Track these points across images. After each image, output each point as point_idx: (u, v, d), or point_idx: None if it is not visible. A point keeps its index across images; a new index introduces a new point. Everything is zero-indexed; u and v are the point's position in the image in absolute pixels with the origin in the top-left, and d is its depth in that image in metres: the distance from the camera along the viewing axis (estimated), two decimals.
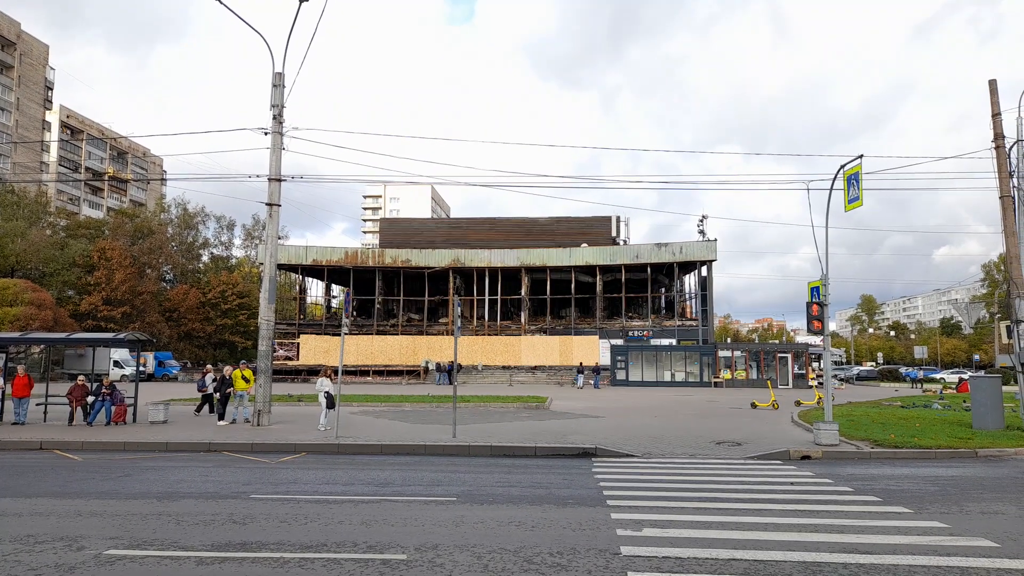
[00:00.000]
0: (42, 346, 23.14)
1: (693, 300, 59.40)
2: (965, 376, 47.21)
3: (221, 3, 16.80)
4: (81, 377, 19.16)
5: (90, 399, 18.11)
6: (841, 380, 51.63)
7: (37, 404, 18.93)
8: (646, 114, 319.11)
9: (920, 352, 58.63)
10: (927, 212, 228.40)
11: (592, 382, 45.28)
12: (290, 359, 54.70)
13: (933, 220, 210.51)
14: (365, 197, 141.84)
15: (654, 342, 52.42)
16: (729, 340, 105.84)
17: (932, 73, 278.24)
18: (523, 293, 57.56)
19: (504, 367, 52.94)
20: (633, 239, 66.37)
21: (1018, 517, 8.13)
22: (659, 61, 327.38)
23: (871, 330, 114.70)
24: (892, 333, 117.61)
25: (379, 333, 56.90)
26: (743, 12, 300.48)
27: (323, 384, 16.98)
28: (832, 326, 18.55)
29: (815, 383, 42.31)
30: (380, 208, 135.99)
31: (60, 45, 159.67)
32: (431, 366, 51.82)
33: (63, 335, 26.29)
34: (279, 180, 18.66)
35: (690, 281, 60.86)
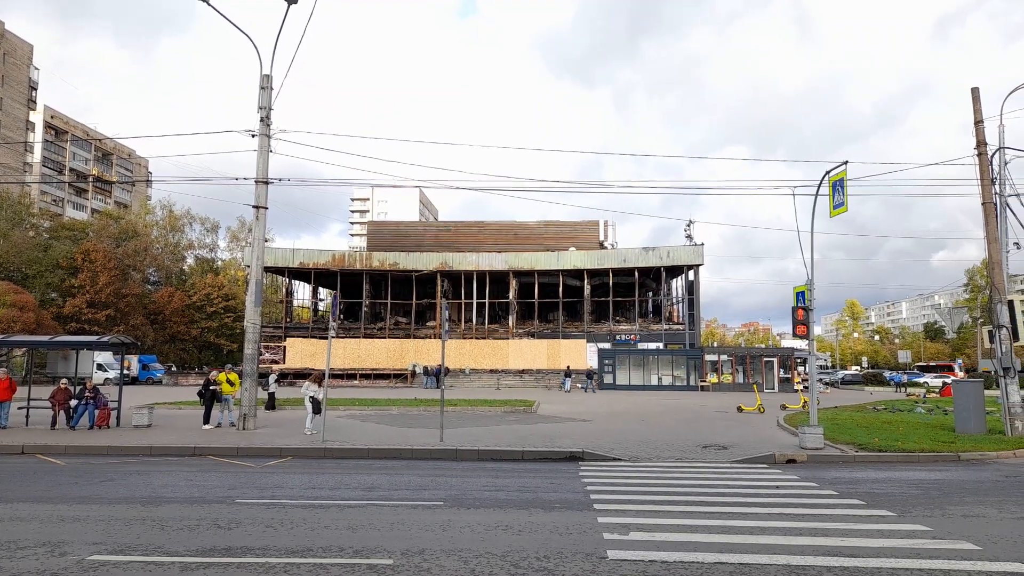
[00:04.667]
0: (24, 349, 22.86)
1: (680, 304, 59.66)
2: (948, 380, 47.72)
3: (208, 3, 16.73)
4: (64, 380, 18.96)
5: (73, 403, 17.90)
6: (826, 384, 52.03)
7: (19, 408, 18.71)
8: (659, 112, 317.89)
9: (904, 356, 59.21)
10: (928, 216, 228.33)
11: (580, 386, 45.33)
12: (276, 362, 54.36)
13: (933, 224, 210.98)
14: (353, 200, 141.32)
15: (641, 346, 52.62)
16: (715, 344, 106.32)
17: (949, 73, 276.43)
18: (511, 297, 57.58)
19: (492, 371, 52.93)
20: (636, 242, 67.00)
21: (999, 520, 8.23)
22: (676, 58, 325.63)
23: (856, 334, 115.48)
24: (876, 337, 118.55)
25: (366, 336, 56.70)
26: (765, 9, 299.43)
27: (308, 388, 16.91)
28: (817, 330, 18.70)
29: (800, 387, 42.60)
30: (368, 211, 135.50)
31: (67, 35, 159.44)
32: (418, 369, 51.72)
33: (46, 338, 25.99)
34: (266, 183, 18.57)
35: (677, 285, 61.13)
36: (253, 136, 18.50)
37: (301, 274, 61.11)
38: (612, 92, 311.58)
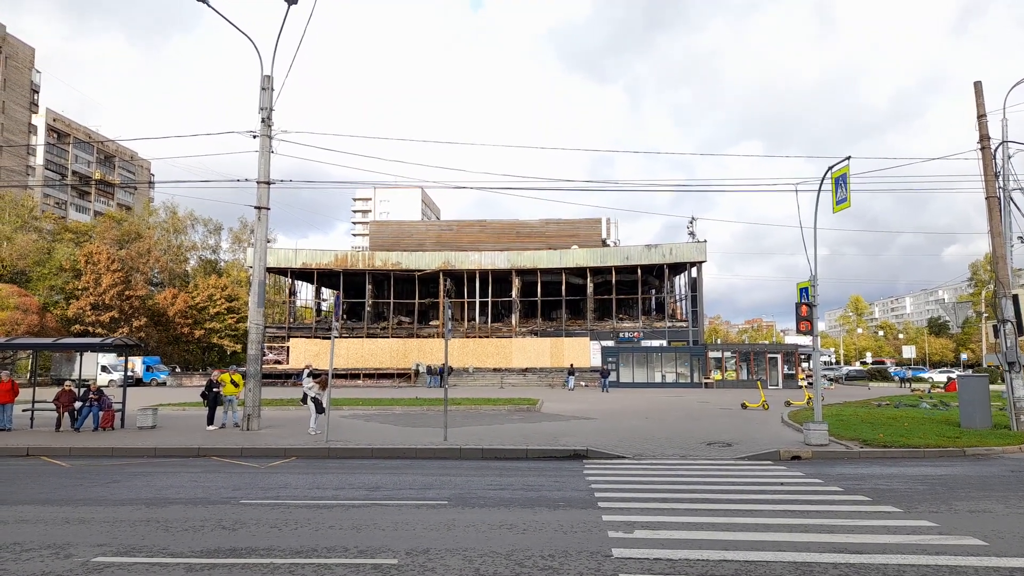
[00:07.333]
0: (28, 351, 22.90)
1: (683, 301, 59.59)
2: (953, 375, 47.62)
3: (207, 4, 16.72)
4: (68, 382, 18.97)
5: (77, 405, 17.93)
6: (830, 380, 51.90)
7: (24, 410, 18.74)
8: (672, 107, 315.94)
9: (908, 352, 59.04)
10: (940, 211, 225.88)
11: (584, 384, 45.26)
12: (280, 363, 54.46)
13: (944, 219, 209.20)
14: (355, 200, 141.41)
15: (644, 343, 52.53)
16: (719, 341, 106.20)
17: (967, 66, 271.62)
18: (514, 295, 57.55)
19: (495, 369, 52.90)
20: (646, 240, 66.77)
21: (1006, 515, 8.19)
22: (691, 52, 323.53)
23: (860, 330, 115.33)
24: (880, 333, 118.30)
25: (369, 336, 56.74)
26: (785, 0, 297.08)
27: (311, 389, 16.97)
28: (822, 326, 18.64)
29: (805, 383, 42.51)
30: (370, 211, 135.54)
31: (78, 31, 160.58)
32: (422, 369, 51.71)
33: (50, 340, 25.96)
34: (268, 183, 18.57)
35: (680, 282, 61.02)
36: (255, 137, 18.50)
37: (304, 274, 61.13)
38: (625, 86, 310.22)
